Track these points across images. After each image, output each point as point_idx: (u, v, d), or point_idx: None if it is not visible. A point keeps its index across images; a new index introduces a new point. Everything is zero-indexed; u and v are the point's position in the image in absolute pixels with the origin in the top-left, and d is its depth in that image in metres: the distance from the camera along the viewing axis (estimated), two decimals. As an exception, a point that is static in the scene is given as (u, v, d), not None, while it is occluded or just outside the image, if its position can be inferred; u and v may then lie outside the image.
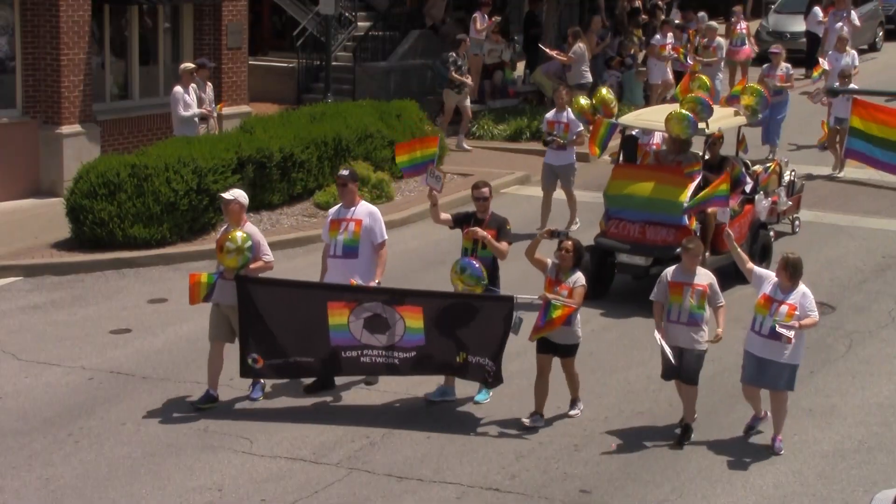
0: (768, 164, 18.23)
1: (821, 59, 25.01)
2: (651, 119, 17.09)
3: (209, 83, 20.65)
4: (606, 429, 12.44)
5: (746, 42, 28.73)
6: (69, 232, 17.95)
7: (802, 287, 11.80)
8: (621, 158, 17.10)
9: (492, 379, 12.49)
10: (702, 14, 30.25)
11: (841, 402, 13.25)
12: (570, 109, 18.40)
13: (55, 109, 20.35)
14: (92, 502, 10.94)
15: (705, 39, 27.54)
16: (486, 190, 12.98)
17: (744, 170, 17.07)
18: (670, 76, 26.96)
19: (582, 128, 18.32)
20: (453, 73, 24.43)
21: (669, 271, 12.26)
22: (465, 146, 24.32)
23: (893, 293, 16.70)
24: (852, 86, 22.82)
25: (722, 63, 27.39)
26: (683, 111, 15.82)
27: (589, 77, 25.38)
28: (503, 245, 12.85)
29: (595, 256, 16.19)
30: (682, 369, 12.14)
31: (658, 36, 27.43)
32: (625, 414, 12.76)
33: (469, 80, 24.65)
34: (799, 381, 13.01)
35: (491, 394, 13.01)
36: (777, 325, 11.51)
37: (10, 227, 18.58)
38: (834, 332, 15.18)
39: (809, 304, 11.74)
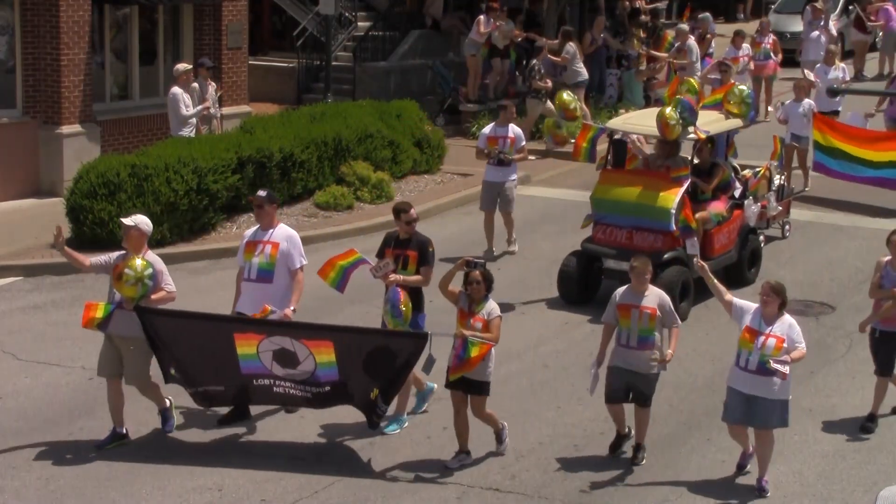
0: (758, 169, 18.04)
1: (807, 72, 23.68)
2: (639, 123, 16.95)
3: (212, 82, 20.67)
4: (606, 429, 12.43)
5: (772, 56, 27.09)
6: (69, 232, 17.92)
7: (788, 317, 11.14)
8: (609, 163, 16.87)
9: (376, 419, 11.80)
10: (704, 15, 29.70)
11: (841, 402, 13.24)
12: (512, 125, 17.94)
13: (55, 109, 20.35)
14: (92, 502, 10.94)
15: (678, 42, 27.00)
16: (413, 212, 12.35)
17: (733, 174, 16.98)
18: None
19: (525, 143, 18.06)
20: (537, 81, 24.43)
21: (619, 292, 11.72)
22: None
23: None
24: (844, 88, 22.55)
25: (697, 65, 26.44)
26: (671, 111, 15.66)
27: (585, 74, 25.34)
28: (420, 277, 12.19)
29: (582, 262, 16.07)
30: (635, 393, 11.60)
31: (730, 48, 25.96)
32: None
33: (549, 84, 24.56)
34: (799, 381, 13.02)
35: (405, 424, 12.45)
36: (771, 362, 10.80)
37: (10, 227, 18.58)
38: (834, 332, 15.17)
39: (797, 336, 11.06)
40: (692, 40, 26.96)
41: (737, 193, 16.90)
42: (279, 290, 12.14)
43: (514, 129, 17.89)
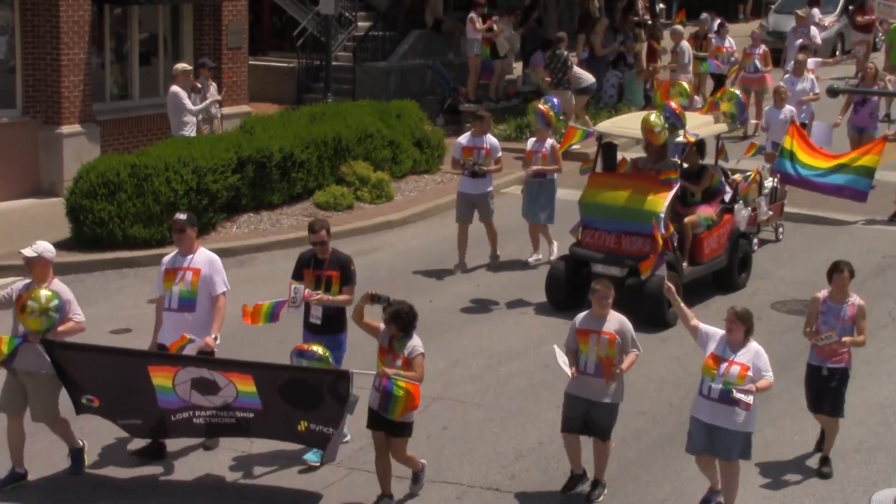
0: (748, 173, 17.79)
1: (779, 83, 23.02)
2: (628, 126, 16.75)
3: (213, 82, 20.70)
4: (606, 429, 12.43)
5: (762, 69, 25.80)
6: (69, 232, 17.96)
7: (755, 344, 10.55)
8: (598, 166, 16.67)
9: (328, 448, 10.99)
10: (705, 16, 29.34)
11: (841, 402, 13.24)
12: (489, 135, 17.40)
13: (55, 109, 20.35)
14: (92, 502, 10.94)
15: (672, 44, 26.56)
16: (323, 233, 11.74)
17: (723, 178, 16.79)
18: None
19: (501, 153, 17.43)
20: (572, 72, 24.31)
21: (579, 317, 11.16)
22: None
23: (893, 293, 16.70)
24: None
25: (690, 67, 26.21)
26: (656, 116, 15.51)
27: (588, 79, 25.18)
28: (343, 297, 11.67)
29: (570, 266, 15.87)
30: (593, 425, 10.98)
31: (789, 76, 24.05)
32: (625, 414, 12.70)
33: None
34: (799, 381, 13.00)
35: (347, 438, 11.84)
36: (734, 391, 10.21)
37: (10, 227, 18.58)
38: (834, 332, 15.16)
39: (763, 364, 10.46)
40: (685, 42, 26.73)
41: (727, 198, 16.69)
42: (201, 318, 11.45)
43: (490, 140, 17.32)
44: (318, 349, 10.90)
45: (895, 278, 17.38)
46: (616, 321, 11.01)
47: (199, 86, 20.19)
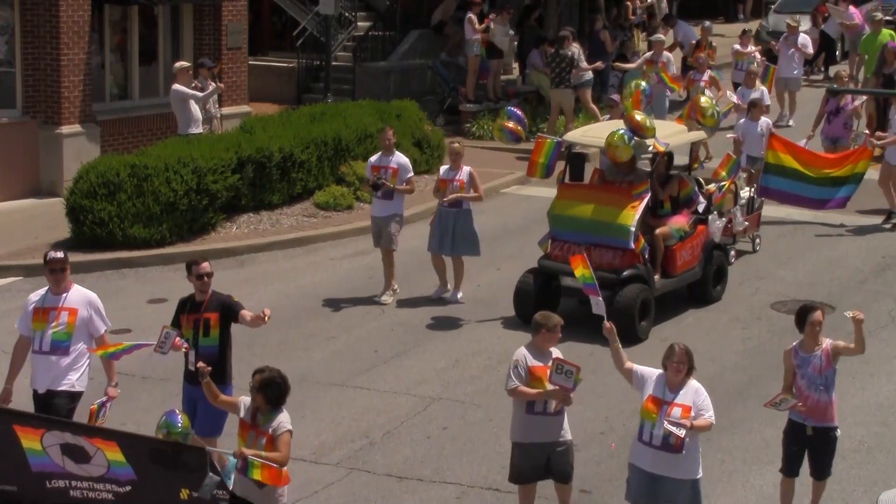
0: (723, 183, 17.24)
1: (729, 93, 22.58)
2: (598, 136, 16.13)
3: (212, 82, 20.72)
4: (606, 428, 12.44)
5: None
6: (69, 232, 17.97)
7: (694, 383, 9.80)
8: (567, 177, 16.23)
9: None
10: (708, 24, 28.65)
11: (841, 402, 13.12)
12: (398, 153, 16.43)
13: (55, 109, 20.35)
14: (92, 502, 10.93)
15: (651, 52, 25.31)
16: (207, 265, 10.89)
17: (696, 188, 16.37)
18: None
19: (412, 174, 16.45)
20: (580, 71, 24.20)
21: (528, 356, 10.28)
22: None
23: (893, 293, 16.70)
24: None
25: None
26: (620, 134, 15.09)
27: (589, 75, 25.07)
28: (252, 317, 10.73)
29: (539, 279, 15.50)
30: (553, 469, 10.36)
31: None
32: (625, 414, 12.75)
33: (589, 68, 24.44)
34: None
35: None
36: (666, 423, 9.53)
37: (10, 227, 18.59)
38: (834, 333, 15.08)
39: (703, 403, 9.73)
40: (668, 53, 25.36)
41: (700, 208, 16.31)
42: (75, 362, 10.78)
43: (398, 159, 16.21)
44: (181, 420, 9.39)
45: (895, 278, 17.38)
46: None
47: (199, 85, 20.22)
